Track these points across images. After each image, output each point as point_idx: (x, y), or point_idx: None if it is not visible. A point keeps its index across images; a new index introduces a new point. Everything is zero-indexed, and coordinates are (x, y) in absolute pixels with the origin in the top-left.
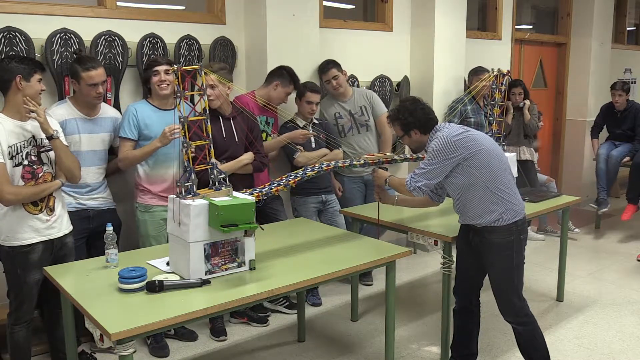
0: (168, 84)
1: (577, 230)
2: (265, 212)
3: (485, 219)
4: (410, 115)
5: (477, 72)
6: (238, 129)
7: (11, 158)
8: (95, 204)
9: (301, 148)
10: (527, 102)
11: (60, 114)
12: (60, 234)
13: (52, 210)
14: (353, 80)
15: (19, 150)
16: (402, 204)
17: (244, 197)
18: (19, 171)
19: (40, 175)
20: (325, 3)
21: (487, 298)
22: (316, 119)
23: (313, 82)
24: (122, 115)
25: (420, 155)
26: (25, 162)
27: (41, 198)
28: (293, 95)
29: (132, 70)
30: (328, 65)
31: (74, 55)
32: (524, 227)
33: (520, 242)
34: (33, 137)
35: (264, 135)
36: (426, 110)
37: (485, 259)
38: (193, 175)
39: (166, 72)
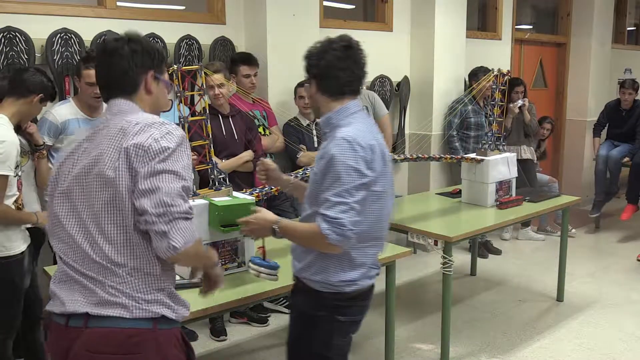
0: None
1: (573, 230)
2: (278, 214)
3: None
4: (317, 59)
5: (479, 73)
6: (237, 127)
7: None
8: None
9: (304, 147)
10: (526, 100)
11: (62, 113)
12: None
13: None
14: None
15: (19, 162)
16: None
17: (244, 197)
18: (15, 181)
19: None
20: (325, 3)
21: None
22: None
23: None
24: None
25: (420, 156)
26: (20, 173)
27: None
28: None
29: None
30: None
31: (85, 54)
32: (353, 307)
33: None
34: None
35: (260, 129)
36: (342, 66)
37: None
38: (193, 175)
39: None
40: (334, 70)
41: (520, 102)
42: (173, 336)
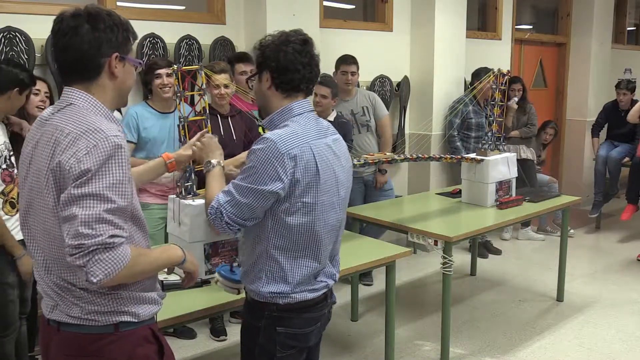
0: (170, 87)
1: (572, 231)
2: None
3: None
4: (275, 50)
5: (480, 74)
6: (236, 128)
7: None
8: None
9: None
10: (513, 101)
11: None
12: None
13: None
14: None
15: (1, 153)
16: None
17: None
18: None
19: (16, 177)
20: (325, 3)
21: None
22: (340, 116)
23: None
24: (122, 116)
25: (420, 156)
26: (4, 166)
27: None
28: None
29: None
30: (353, 59)
31: None
32: (294, 318)
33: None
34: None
35: (259, 129)
36: (303, 61)
37: None
38: (193, 175)
39: (168, 75)
40: (295, 64)
41: (511, 102)
42: (139, 335)
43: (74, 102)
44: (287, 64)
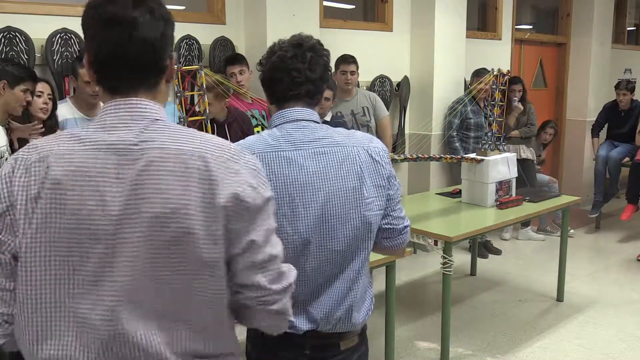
0: None
1: (572, 231)
2: None
3: None
4: (265, 61)
5: (479, 74)
6: (232, 136)
7: None
8: None
9: None
10: (515, 101)
11: (61, 113)
12: None
13: None
14: None
15: (2, 155)
16: None
17: None
18: None
19: None
20: (325, 3)
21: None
22: (339, 116)
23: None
24: None
25: (420, 156)
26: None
27: None
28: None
29: None
30: (352, 59)
31: (79, 52)
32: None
33: None
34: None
35: (259, 128)
36: (293, 63)
37: None
38: None
39: None
40: (279, 73)
41: (514, 103)
42: None
43: (159, 118)
44: (270, 76)
